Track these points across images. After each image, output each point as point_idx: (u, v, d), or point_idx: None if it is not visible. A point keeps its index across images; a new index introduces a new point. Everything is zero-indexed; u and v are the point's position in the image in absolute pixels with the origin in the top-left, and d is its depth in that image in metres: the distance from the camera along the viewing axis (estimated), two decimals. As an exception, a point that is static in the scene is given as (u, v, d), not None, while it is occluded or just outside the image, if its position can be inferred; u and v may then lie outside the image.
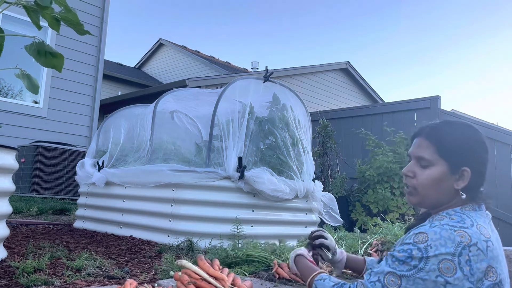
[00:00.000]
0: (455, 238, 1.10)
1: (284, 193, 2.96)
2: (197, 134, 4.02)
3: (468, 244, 1.09)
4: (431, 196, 1.27)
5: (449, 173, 1.24)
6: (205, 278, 1.52)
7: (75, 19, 1.77)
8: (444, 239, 1.10)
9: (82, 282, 1.67)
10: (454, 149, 1.25)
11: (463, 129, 1.28)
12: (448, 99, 66.79)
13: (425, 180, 1.26)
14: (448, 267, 1.07)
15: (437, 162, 1.25)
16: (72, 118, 7.45)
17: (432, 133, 1.28)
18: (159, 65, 17.79)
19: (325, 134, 5.81)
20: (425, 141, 1.29)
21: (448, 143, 1.26)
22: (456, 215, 1.19)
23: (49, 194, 5.63)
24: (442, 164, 1.25)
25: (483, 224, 1.17)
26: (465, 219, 1.17)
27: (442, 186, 1.25)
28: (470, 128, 1.29)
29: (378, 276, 1.16)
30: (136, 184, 3.15)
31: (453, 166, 1.24)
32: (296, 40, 77.42)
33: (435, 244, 1.09)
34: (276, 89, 3.42)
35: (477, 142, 1.26)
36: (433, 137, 1.28)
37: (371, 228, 3.30)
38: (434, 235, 1.11)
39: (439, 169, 1.25)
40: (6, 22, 6.62)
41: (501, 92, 76.09)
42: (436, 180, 1.25)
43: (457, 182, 1.23)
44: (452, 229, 1.12)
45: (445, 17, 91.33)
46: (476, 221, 1.17)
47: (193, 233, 2.70)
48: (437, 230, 1.12)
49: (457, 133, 1.27)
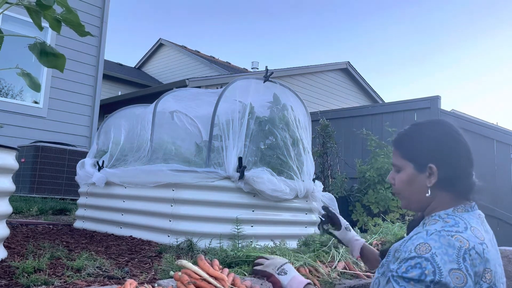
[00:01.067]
0: (455, 243, 1.09)
1: (284, 193, 2.96)
2: (197, 134, 4.02)
3: (468, 248, 1.09)
4: (411, 198, 1.31)
5: (416, 173, 1.27)
6: (205, 278, 1.52)
7: (76, 20, 1.77)
8: (444, 247, 1.08)
9: (82, 282, 1.67)
10: (415, 149, 1.29)
11: (426, 128, 1.31)
12: (448, 99, 66.91)
13: (399, 184, 1.32)
14: (458, 276, 1.04)
15: (404, 165, 1.30)
16: (72, 118, 7.45)
17: (397, 139, 1.36)
18: (159, 65, 17.80)
19: (325, 134, 5.81)
20: (394, 148, 1.37)
21: (409, 144, 1.31)
22: (449, 217, 1.19)
23: (49, 194, 5.63)
24: (408, 165, 1.29)
25: (477, 226, 1.17)
26: (459, 222, 1.16)
27: (415, 186, 1.28)
28: (439, 125, 1.30)
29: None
30: (136, 184, 3.15)
31: (418, 165, 1.27)
32: (296, 40, 77.40)
33: (439, 253, 1.07)
34: (276, 89, 3.42)
35: (445, 137, 1.27)
36: (397, 142, 1.35)
37: (371, 228, 3.30)
38: (435, 243, 1.09)
39: (407, 171, 1.29)
40: (6, 22, 6.63)
41: (501, 92, 76.05)
42: (406, 181, 1.30)
43: (429, 179, 1.25)
44: (449, 235, 1.11)
45: (445, 18, 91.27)
46: (470, 223, 1.16)
47: (193, 233, 2.70)
48: (436, 238, 1.10)
49: (418, 132, 1.31)
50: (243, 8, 71.52)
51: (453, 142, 1.27)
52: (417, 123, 1.35)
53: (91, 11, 7.81)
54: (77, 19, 1.77)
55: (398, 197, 1.36)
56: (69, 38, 7.19)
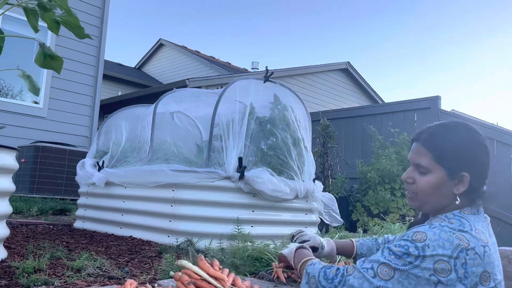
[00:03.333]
0: (454, 240, 1.10)
1: (284, 193, 2.96)
2: (198, 135, 4.02)
3: (466, 248, 1.09)
4: (431, 201, 1.28)
5: (447, 179, 1.24)
6: (205, 278, 1.52)
7: (76, 22, 1.77)
8: (442, 241, 1.10)
9: (82, 282, 1.67)
10: (451, 155, 1.24)
11: (460, 133, 1.27)
12: (448, 99, 66.93)
13: (424, 187, 1.27)
14: (443, 268, 1.08)
15: (435, 168, 1.25)
16: (72, 118, 7.45)
17: (429, 139, 1.29)
18: (159, 65, 17.80)
19: (326, 134, 5.81)
20: (422, 148, 1.29)
21: (445, 149, 1.25)
22: (455, 218, 1.20)
23: (49, 194, 5.63)
24: (440, 170, 1.25)
25: (481, 229, 1.17)
26: (464, 223, 1.17)
27: (441, 191, 1.25)
28: (468, 131, 1.27)
29: (372, 264, 1.16)
30: (136, 184, 3.15)
31: (451, 172, 1.24)
32: (297, 40, 77.47)
33: (433, 245, 1.10)
34: (276, 89, 3.43)
35: (475, 145, 1.25)
36: (430, 143, 1.28)
37: (371, 229, 3.30)
38: (433, 236, 1.11)
39: (437, 176, 1.25)
40: (7, 22, 6.63)
41: (501, 92, 76.09)
42: (435, 186, 1.25)
43: (457, 187, 1.23)
44: (451, 232, 1.12)
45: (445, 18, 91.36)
46: (475, 225, 1.17)
47: (193, 233, 2.70)
48: (437, 231, 1.12)
49: (454, 138, 1.26)
50: (243, 8, 71.60)
51: (484, 153, 1.25)
52: (448, 125, 1.29)
53: (91, 11, 7.81)
54: (77, 22, 1.77)
55: (412, 196, 1.31)
56: (69, 38, 7.19)
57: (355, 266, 1.20)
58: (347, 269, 1.20)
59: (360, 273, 1.16)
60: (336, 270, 1.22)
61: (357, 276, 1.16)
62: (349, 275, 1.18)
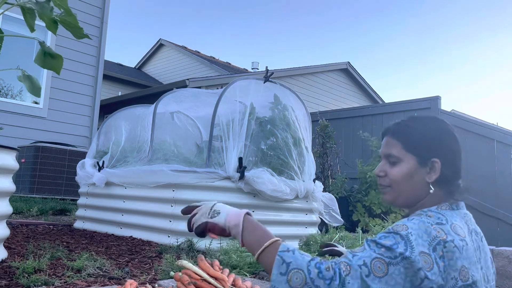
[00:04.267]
0: (431, 232, 1.10)
1: (284, 194, 2.96)
2: (198, 135, 4.02)
3: (444, 240, 1.09)
4: (405, 191, 1.27)
5: (418, 167, 1.25)
6: (206, 279, 1.52)
7: (74, 22, 1.76)
8: (421, 231, 1.09)
9: (82, 283, 1.67)
10: (420, 142, 1.25)
11: (428, 122, 1.29)
12: (448, 99, 66.87)
13: (395, 177, 1.27)
14: (426, 260, 1.06)
15: (405, 157, 1.26)
16: (72, 119, 7.45)
17: (397, 130, 1.30)
18: (159, 65, 17.80)
19: (325, 135, 5.81)
20: (391, 139, 1.31)
21: (413, 136, 1.27)
22: (432, 213, 1.19)
23: (49, 194, 5.63)
24: (411, 158, 1.25)
25: (459, 224, 1.16)
26: (441, 219, 1.16)
27: (414, 180, 1.25)
28: (436, 120, 1.29)
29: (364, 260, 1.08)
30: (136, 184, 3.15)
31: (422, 159, 1.24)
32: (297, 40, 77.48)
33: (415, 233, 1.08)
34: (276, 89, 3.42)
35: (444, 132, 1.26)
36: (398, 133, 1.30)
37: (372, 229, 3.30)
38: (413, 225, 1.11)
39: (408, 164, 1.25)
40: (6, 22, 6.63)
41: (501, 92, 76.12)
42: (406, 175, 1.25)
43: (429, 175, 1.23)
44: (429, 223, 1.12)
45: (445, 18, 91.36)
46: (451, 221, 1.16)
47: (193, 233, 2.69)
48: (415, 221, 1.12)
49: (422, 126, 1.28)
50: (243, 8, 71.62)
51: (454, 140, 1.27)
52: (416, 117, 1.32)
53: (91, 11, 7.81)
54: (76, 22, 1.76)
55: (385, 189, 1.31)
56: (69, 38, 7.18)
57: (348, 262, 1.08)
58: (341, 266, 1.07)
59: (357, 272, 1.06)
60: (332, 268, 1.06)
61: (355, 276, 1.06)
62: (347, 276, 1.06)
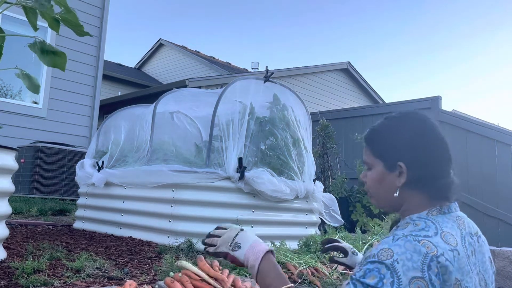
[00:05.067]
0: (421, 249, 1.03)
1: (284, 194, 2.95)
2: (197, 135, 4.01)
3: (436, 255, 1.02)
4: (380, 197, 1.26)
5: (386, 171, 1.22)
6: (205, 279, 1.51)
7: (75, 20, 1.76)
8: (410, 253, 1.02)
9: (81, 283, 1.66)
10: (385, 146, 1.23)
11: (397, 123, 1.25)
12: (449, 99, 66.93)
13: (369, 182, 1.28)
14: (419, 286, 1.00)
15: (374, 163, 1.25)
16: (72, 119, 7.44)
17: (367, 136, 1.30)
18: (159, 65, 17.80)
19: (325, 135, 5.81)
20: (365, 146, 1.31)
21: (378, 141, 1.25)
22: (421, 220, 1.13)
23: (48, 194, 5.62)
24: (378, 163, 1.24)
25: (450, 231, 1.10)
26: (430, 226, 1.10)
27: (385, 185, 1.23)
28: (407, 119, 1.25)
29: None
30: (136, 184, 3.14)
31: (388, 163, 1.22)
32: (297, 40, 77.49)
33: (402, 259, 1.01)
34: (276, 89, 3.42)
35: (412, 132, 1.21)
36: (368, 139, 1.29)
37: (371, 229, 3.30)
38: (399, 249, 1.03)
39: (377, 169, 1.25)
40: (6, 22, 6.62)
41: (502, 92, 76.13)
42: (376, 180, 1.25)
43: (398, 179, 1.19)
44: (416, 240, 1.05)
45: (445, 17, 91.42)
46: (442, 228, 1.10)
47: (193, 233, 2.69)
48: (401, 243, 1.05)
49: (386, 129, 1.25)
50: (243, 8, 71.66)
51: (424, 138, 1.20)
52: (389, 117, 1.28)
53: (90, 11, 7.80)
54: (76, 19, 1.76)
55: (369, 195, 1.31)
56: (68, 38, 7.19)
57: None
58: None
59: None
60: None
61: None
62: None
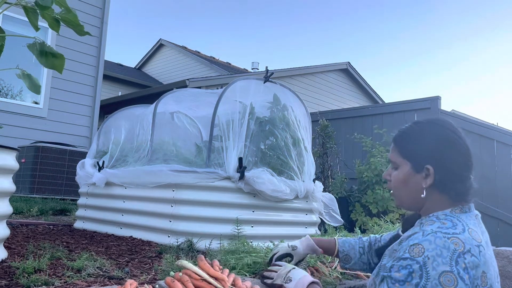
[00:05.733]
0: (450, 246, 1.09)
1: (284, 194, 2.96)
2: (197, 135, 4.02)
3: (463, 251, 1.09)
4: (404, 196, 1.31)
5: (413, 172, 1.27)
6: (206, 279, 1.52)
7: (75, 20, 1.77)
8: (440, 249, 1.08)
9: (82, 283, 1.67)
10: (414, 148, 1.29)
11: (426, 128, 1.31)
12: (448, 99, 66.95)
13: (395, 182, 1.33)
14: (449, 279, 1.06)
15: (402, 163, 1.30)
16: (73, 119, 7.45)
17: (397, 136, 1.36)
18: (159, 65, 17.80)
19: (325, 135, 5.81)
20: (393, 145, 1.37)
21: (408, 143, 1.31)
22: (447, 219, 1.19)
23: (49, 194, 5.63)
24: (406, 164, 1.29)
25: (474, 228, 1.17)
26: (457, 224, 1.16)
27: (410, 185, 1.28)
28: (434, 126, 1.31)
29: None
30: (136, 184, 3.15)
31: (416, 165, 1.27)
32: (297, 40, 77.47)
33: (432, 255, 1.08)
34: (276, 89, 3.43)
35: (441, 139, 1.27)
36: (397, 140, 1.35)
37: (371, 229, 3.30)
38: (430, 245, 1.09)
39: (404, 170, 1.29)
40: (6, 22, 6.63)
41: (501, 92, 76.10)
42: (402, 180, 1.30)
43: (425, 180, 1.25)
44: (445, 237, 1.11)
45: (445, 17, 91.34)
46: (468, 225, 1.16)
47: (194, 233, 2.70)
48: (431, 239, 1.11)
49: (419, 132, 1.31)
50: (244, 8, 71.68)
51: (452, 145, 1.26)
52: (418, 122, 1.34)
53: (91, 11, 7.81)
54: (76, 19, 1.77)
55: (392, 194, 1.36)
56: (69, 38, 7.20)
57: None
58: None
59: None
60: None
61: None
62: None
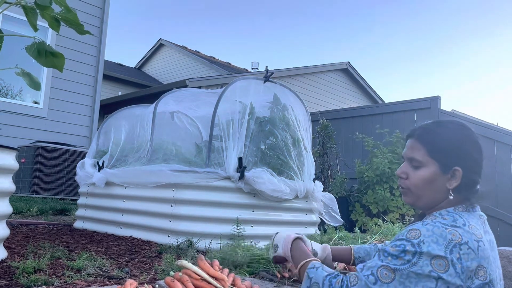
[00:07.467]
0: (446, 235, 1.12)
1: (284, 193, 2.96)
2: (197, 135, 4.02)
3: (459, 242, 1.11)
4: (425, 196, 1.29)
5: (440, 173, 1.26)
6: (205, 278, 1.52)
7: (75, 19, 1.77)
8: (436, 236, 1.12)
9: (82, 282, 1.67)
10: (444, 149, 1.27)
11: (454, 129, 1.30)
12: (448, 99, 66.95)
13: (417, 181, 1.29)
14: (441, 263, 1.09)
15: (428, 163, 1.28)
16: (72, 119, 7.45)
17: (423, 134, 1.32)
18: (159, 65, 17.80)
19: (325, 135, 5.81)
20: (416, 143, 1.32)
21: (438, 143, 1.28)
22: (449, 215, 1.21)
23: (49, 194, 5.63)
24: (433, 164, 1.27)
25: (475, 225, 1.18)
26: (458, 219, 1.18)
27: (434, 186, 1.27)
28: (462, 128, 1.30)
29: (371, 270, 1.16)
30: (136, 184, 3.15)
31: (444, 166, 1.26)
32: (297, 40, 77.49)
33: (427, 240, 1.11)
34: (276, 89, 3.43)
35: (469, 142, 1.28)
36: (424, 138, 1.31)
37: (371, 229, 3.30)
38: (427, 232, 1.13)
39: (430, 170, 1.27)
40: (6, 22, 6.63)
41: (501, 92, 76.13)
42: (428, 180, 1.28)
43: (450, 182, 1.25)
44: (444, 227, 1.14)
45: (445, 17, 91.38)
46: (468, 221, 1.18)
47: (193, 233, 2.70)
48: (429, 227, 1.14)
49: (448, 133, 1.29)
50: (244, 8, 71.74)
51: (477, 149, 1.28)
52: (442, 122, 1.32)
53: (91, 11, 7.81)
54: (76, 19, 1.77)
55: (405, 191, 1.33)
56: (69, 38, 7.20)
57: (357, 274, 1.18)
58: (350, 279, 1.18)
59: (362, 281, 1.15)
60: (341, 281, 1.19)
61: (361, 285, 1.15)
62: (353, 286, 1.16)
